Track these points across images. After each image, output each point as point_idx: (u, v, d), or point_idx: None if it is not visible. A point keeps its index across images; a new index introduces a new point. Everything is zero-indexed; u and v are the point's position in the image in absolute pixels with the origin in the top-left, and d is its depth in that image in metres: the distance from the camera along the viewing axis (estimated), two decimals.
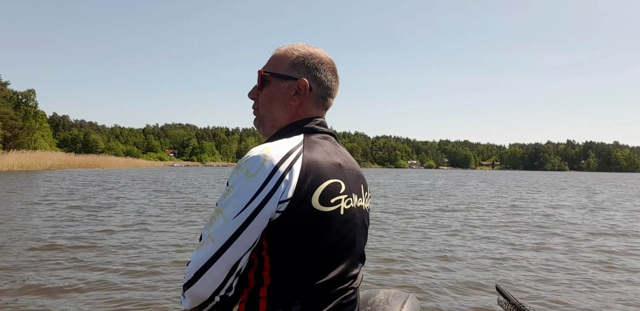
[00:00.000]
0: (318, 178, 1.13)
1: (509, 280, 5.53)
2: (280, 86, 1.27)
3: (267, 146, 1.13)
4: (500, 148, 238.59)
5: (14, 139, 49.99)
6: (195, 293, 1.08)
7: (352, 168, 1.27)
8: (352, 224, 1.21)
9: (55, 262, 5.76)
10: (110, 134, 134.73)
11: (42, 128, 66.25)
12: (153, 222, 9.51)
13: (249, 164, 1.09)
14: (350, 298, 1.21)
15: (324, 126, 1.30)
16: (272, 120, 1.29)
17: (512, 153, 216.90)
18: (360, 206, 1.26)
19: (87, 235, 7.74)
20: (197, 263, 1.07)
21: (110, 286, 4.83)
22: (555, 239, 8.59)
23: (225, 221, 1.07)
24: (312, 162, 1.14)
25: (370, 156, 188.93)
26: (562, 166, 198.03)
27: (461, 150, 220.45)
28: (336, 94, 1.35)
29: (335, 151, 1.25)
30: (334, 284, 1.16)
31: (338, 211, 1.16)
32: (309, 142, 1.20)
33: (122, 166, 66.57)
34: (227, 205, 1.08)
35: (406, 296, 1.52)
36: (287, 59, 1.28)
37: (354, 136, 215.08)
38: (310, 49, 1.31)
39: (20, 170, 39.92)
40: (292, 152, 1.13)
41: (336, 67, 1.35)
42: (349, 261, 1.21)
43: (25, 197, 14.22)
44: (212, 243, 1.07)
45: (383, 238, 8.29)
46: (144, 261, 5.95)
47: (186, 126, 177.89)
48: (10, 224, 8.63)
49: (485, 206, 15.36)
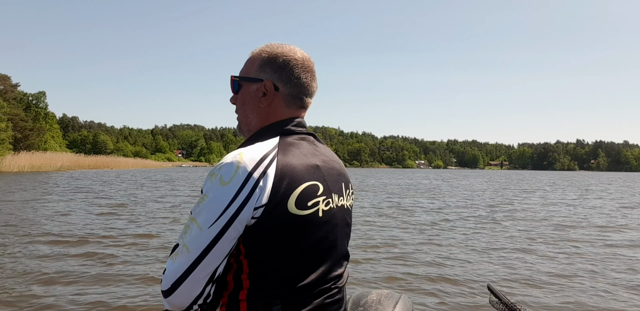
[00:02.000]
0: (293, 181, 1.11)
1: (500, 280, 5.57)
2: (250, 89, 1.26)
3: (240, 151, 1.11)
4: (508, 148, 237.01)
5: (24, 140, 50.40)
6: (173, 302, 1.06)
7: (331, 167, 1.26)
8: (332, 225, 1.20)
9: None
10: (119, 135, 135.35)
11: (52, 129, 66.70)
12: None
13: (222, 171, 1.07)
14: (335, 298, 1.21)
15: (302, 126, 1.27)
16: (247, 124, 1.28)
17: (520, 153, 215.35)
18: (342, 205, 1.26)
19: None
20: (174, 273, 1.05)
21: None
22: (548, 239, 8.59)
23: (200, 230, 1.04)
24: (286, 166, 1.12)
25: (378, 156, 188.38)
26: (572, 166, 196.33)
27: (469, 150, 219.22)
28: (312, 91, 1.29)
29: (312, 152, 1.23)
30: (315, 284, 1.15)
31: (316, 213, 1.14)
32: (285, 144, 1.18)
33: (131, 167, 66.94)
34: (201, 214, 1.06)
35: (398, 296, 1.53)
36: (256, 62, 1.26)
37: (361, 136, 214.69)
38: (280, 48, 1.27)
39: (30, 171, 40.30)
40: (266, 157, 1.11)
41: (311, 64, 1.29)
42: (331, 261, 1.20)
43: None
44: (188, 253, 1.04)
45: (372, 237, 8.33)
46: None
47: (194, 127, 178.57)
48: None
49: (478, 206, 15.34)
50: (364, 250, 7.18)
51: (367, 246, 7.50)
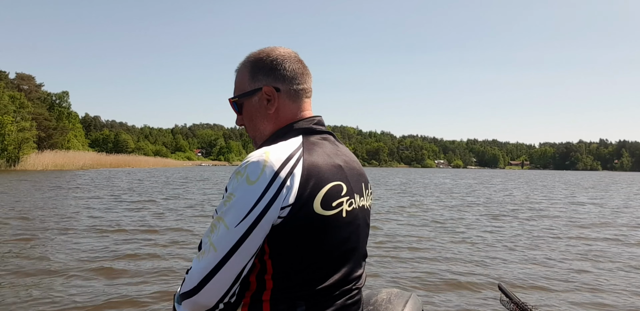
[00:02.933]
0: (319, 181, 1.11)
1: (511, 279, 5.51)
2: (252, 102, 1.26)
3: (266, 150, 1.10)
4: (530, 147, 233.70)
5: (48, 139, 51.45)
6: (199, 301, 1.06)
7: (352, 167, 1.26)
8: (355, 226, 1.21)
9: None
10: (139, 134, 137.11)
11: (75, 128, 67.93)
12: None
13: (249, 170, 1.07)
14: (355, 298, 1.21)
15: (322, 124, 1.28)
16: (261, 134, 1.28)
17: (542, 152, 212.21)
18: (362, 206, 1.26)
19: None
20: (201, 271, 1.05)
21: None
22: (560, 238, 8.45)
23: (227, 229, 1.05)
24: (312, 166, 1.12)
25: (397, 155, 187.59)
26: (595, 166, 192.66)
27: (489, 149, 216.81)
28: (307, 79, 1.29)
29: (335, 152, 1.23)
30: (338, 285, 1.15)
31: (340, 213, 1.14)
32: (309, 144, 1.18)
33: (152, 166, 67.74)
34: (228, 213, 1.06)
35: (408, 295, 1.51)
36: (245, 74, 1.27)
37: (380, 135, 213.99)
38: (261, 51, 1.28)
39: (54, 169, 41.12)
40: (292, 156, 1.10)
41: (297, 55, 1.29)
42: (352, 262, 1.21)
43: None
44: (215, 252, 1.05)
45: (384, 237, 8.29)
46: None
47: (213, 126, 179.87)
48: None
49: (488, 205, 15.17)
50: (377, 248, 7.17)
51: (377, 244, 7.48)
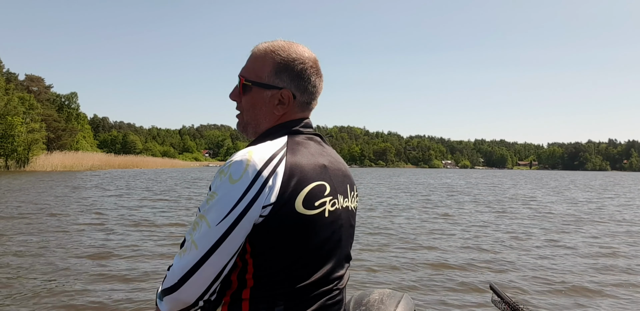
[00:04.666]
0: (301, 181, 1.12)
1: (503, 279, 5.55)
2: (263, 94, 1.23)
3: (249, 150, 1.12)
4: (538, 147, 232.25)
5: (57, 140, 51.86)
6: (179, 298, 1.07)
7: (337, 168, 1.26)
8: (338, 226, 1.21)
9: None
10: (147, 135, 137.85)
11: (84, 129, 68.50)
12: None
13: (232, 169, 1.08)
14: (336, 299, 1.21)
15: (309, 126, 1.28)
16: (255, 127, 1.27)
17: (550, 153, 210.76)
18: (347, 207, 1.26)
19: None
20: (182, 269, 1.06)
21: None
22: (550, 239, 8.48)
23: (209, 227, 1.05)
24: (295, 165, 1.12)
25: (404, 155, 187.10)
26: (604, 166, 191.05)
27: (497, 149, 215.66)
28: (320, 93, 1.30)
29: (320, 152, 1.23)
30: (318, 285, 1.16)
31: (322, 213, 1.15)
32: (293, 144, 1.18)
33: (160, 166, 68.04)
34: (210, 211, 1.07)
35: (401, 296, 1.51)
36: (268, 65, 1.23)
37: (387, 135, 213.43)
38: (292, 51, 1.24)
39: (63, 170, 41.43)
40: (275, 155, 1.11)
41: (319, 65, 1.29)
42: (334, 262, 1.21)
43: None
44: (196, 250, 1.05)
45: (376, 237, 8.31)
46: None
47: (221, 127, 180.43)
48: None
49: (481, 204, 15.23)
50: (364, 249, 7.21)
51: (365, 244, 7.52)
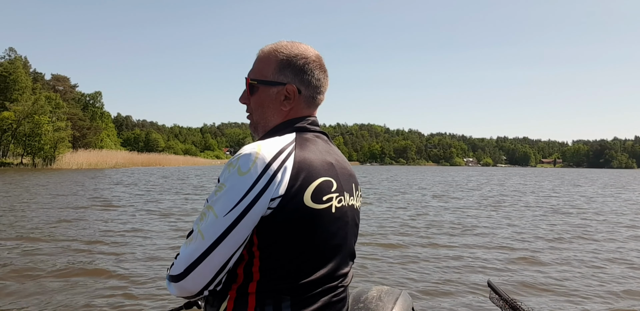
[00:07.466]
0: (310, 175, 1.13)
1: (501, 276, 5.55)
2: (269, 92, 1.26)
3: (259, 143, 1.13)
4: (562, 145, 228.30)
5: (82, 138, 52.91)
6: (185, 287, 1.09)
7: (343, 167, 1.28)
8: (343, 222, 1.22)
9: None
10: (169, 134, 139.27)
11: (108, 128, 69.75)
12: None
13: (241, 162, 1.09)
14: (340, 296, 1.22)
15: (316, 124, 1.30)
16: (264, 125, 1.29)
17: (575, 150, 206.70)
18: (352, 205, 1.27)
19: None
20: (187, 258, 1.07)
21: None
22: (548, 236, 8.51)
23: (216, 218, 1.06)
24: (304, 160, 1.14)
25: (425, 153, 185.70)
26: (630, 164, 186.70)
27: (520, 147, 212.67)
28: (326, 88, 1.33)
29: (327, 150, 1.26)
30: (323, 281, 1.16)
31: (330, 208, 1.16)
32: (301, 140, 1.20)
33: (181, 164, 68.88)
34: (218, 202, 1.08)
35: (399, 293, 1.52)
36: (272, 63, 1.26)
37: (407, 133, 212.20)
38: (294, 48, 1.28)
39: (88, 168, 42.29)
40: (284, 150, 1.13)
41: (324, 62, 1.32)
42: (339, 259, 1.21)
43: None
44: (202, 239, 1.06)
45: (375, 235, 8.32)
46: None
47: (241, 125, 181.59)
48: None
49: (480, 203, 15.13)
50: (367, 245, 7.25)
51: (368, 241, 7.56)
